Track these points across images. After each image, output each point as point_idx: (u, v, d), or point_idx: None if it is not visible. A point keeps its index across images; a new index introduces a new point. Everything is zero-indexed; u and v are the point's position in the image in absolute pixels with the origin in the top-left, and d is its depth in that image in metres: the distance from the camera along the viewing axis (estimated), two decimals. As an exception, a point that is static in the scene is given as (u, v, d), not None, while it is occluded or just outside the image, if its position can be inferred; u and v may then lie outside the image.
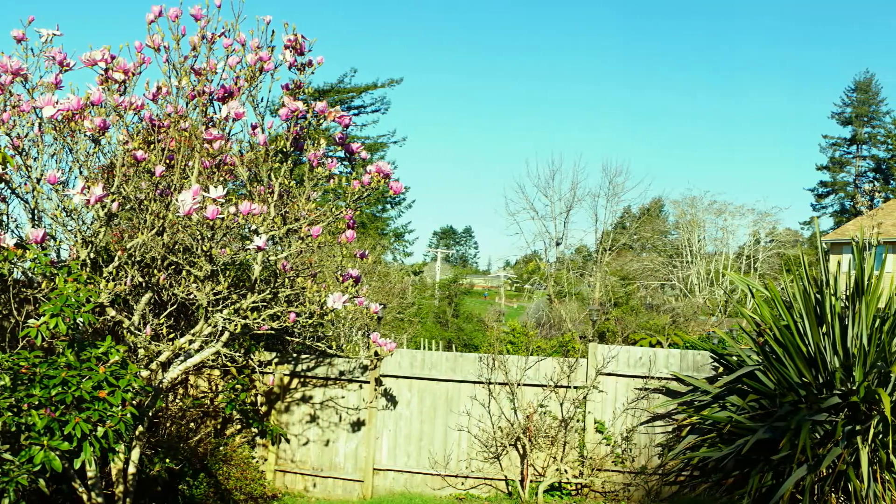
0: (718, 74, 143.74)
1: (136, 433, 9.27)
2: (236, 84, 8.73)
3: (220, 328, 8.78)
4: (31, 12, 9.43)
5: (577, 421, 12.07)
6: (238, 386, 12.16)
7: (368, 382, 12.71)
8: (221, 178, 8.79)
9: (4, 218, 8.20)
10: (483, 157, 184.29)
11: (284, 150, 8.93)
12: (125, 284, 8.14)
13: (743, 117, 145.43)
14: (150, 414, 10.04)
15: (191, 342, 8.80)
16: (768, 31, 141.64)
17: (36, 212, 8.08)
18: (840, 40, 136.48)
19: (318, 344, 10.64)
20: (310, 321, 9.06)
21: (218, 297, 8.53)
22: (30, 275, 8.02)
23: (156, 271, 8.61)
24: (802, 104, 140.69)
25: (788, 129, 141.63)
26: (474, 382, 12.47)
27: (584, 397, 12.07)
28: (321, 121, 8.99)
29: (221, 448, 11.97)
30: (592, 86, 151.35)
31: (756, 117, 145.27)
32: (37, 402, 6.01)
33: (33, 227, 7.98)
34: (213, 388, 12.70)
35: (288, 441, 12.99)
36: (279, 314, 8.99)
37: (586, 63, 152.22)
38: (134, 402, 6.48)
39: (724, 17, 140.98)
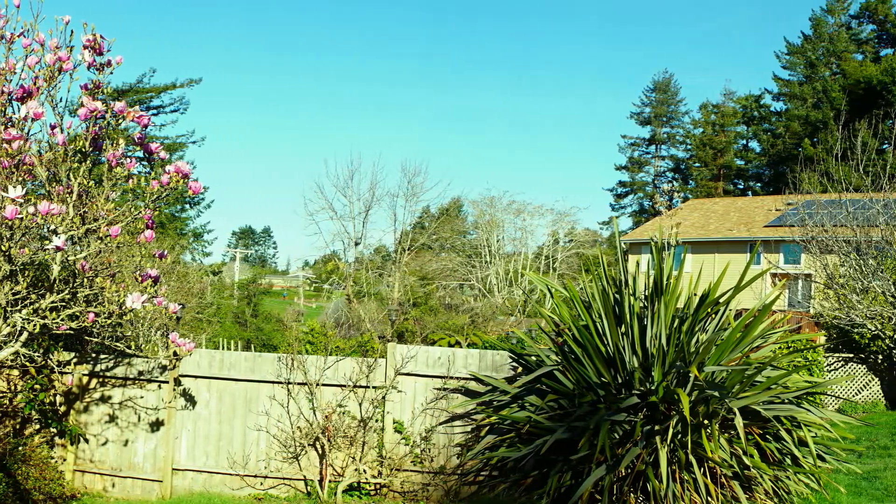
0: (519, 74, 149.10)
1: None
2: (35, 84, 8.87)
3: (18, 328, 8.84)
4: None
5: (377, 421, 12.67)
6: (37, 386, 12.45)
7: (167, 382, 13.14)
8: (20, 178, 8.85)
9: None
10: (283, 157, 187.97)
11: (84, 150, 9.12)
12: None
13: (544, 117, 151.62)
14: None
15: (-10, 342, 8.83)
16: (569, 31, 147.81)
17: None
18: (640, 40, 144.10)
19: (118, 344, 10.99)
20: (109, 321, 9.36)
21: (17, 297, 8.67)
22: None
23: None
24: (603, 104, 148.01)
25: (589, 129, 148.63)
26: (273, 382, 13.01)
27: (383, 397, 12.66)
28: (120, 121, 9.25)
29: (20, 448, 12.16)
30: (392, 86, 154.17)
31: (557, 117, 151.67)
32: None
33: None
34: (12, 387, 12.80)
35: (87, 441, 13.27)
36: (78, 314, 9.19)
37: (386, 63, 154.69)
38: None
39: (525, 17, 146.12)
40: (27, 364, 11.68)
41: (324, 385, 12.85)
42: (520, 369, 12.08)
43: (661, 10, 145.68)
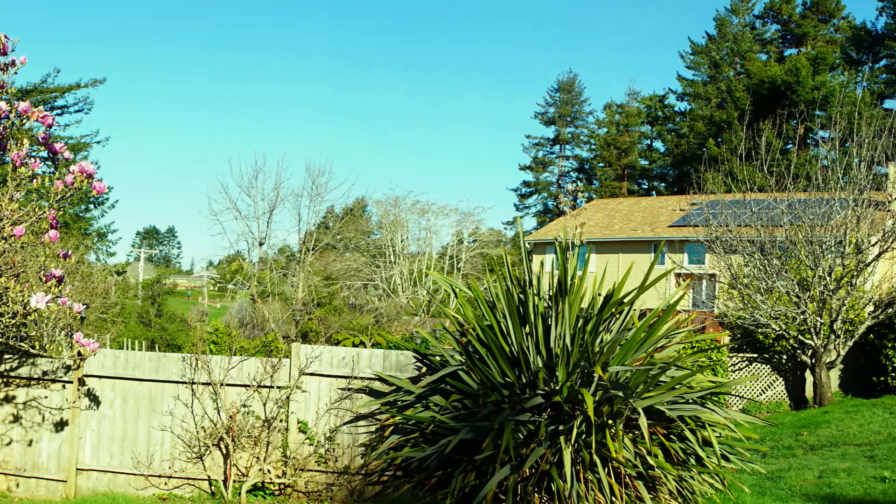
0: (425, 74, 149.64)
1: None
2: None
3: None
4: None
5: (281, 421, 12.86)
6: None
7: (72, 382, 13.18)
8: (-76, 179, 8.85)
9: None
10: (188, 157, 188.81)
11: (-13, 150, 9.14)
12: None
13: (449, 117, 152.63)
14: None
15: None
16: (475, 31, 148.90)
17: None
18: (545, 40, 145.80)
19: (22, 344, 11.06)
20: (13, 321, 9.43)
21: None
22: None
23: None
24: (508, 104, 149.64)
25: (494, 129, 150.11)
26: (178, 382, 13.12)
27: (288, 397, 12.85)
28: (24, 121, 9.31)
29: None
30: (297, 85, 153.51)
31: (462, 117, 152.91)
32: None
33: None
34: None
35: (-9, 441, 13.18)
36: (-18, 314, 9.08)
37: (291, 62, 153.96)
38: None
39: (431, 16, 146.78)
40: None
41: (228, 385, 12.94)
42: (424, 369, 12.23)
43: (566, 10, 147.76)
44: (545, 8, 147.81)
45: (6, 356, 13.23)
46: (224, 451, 12.71)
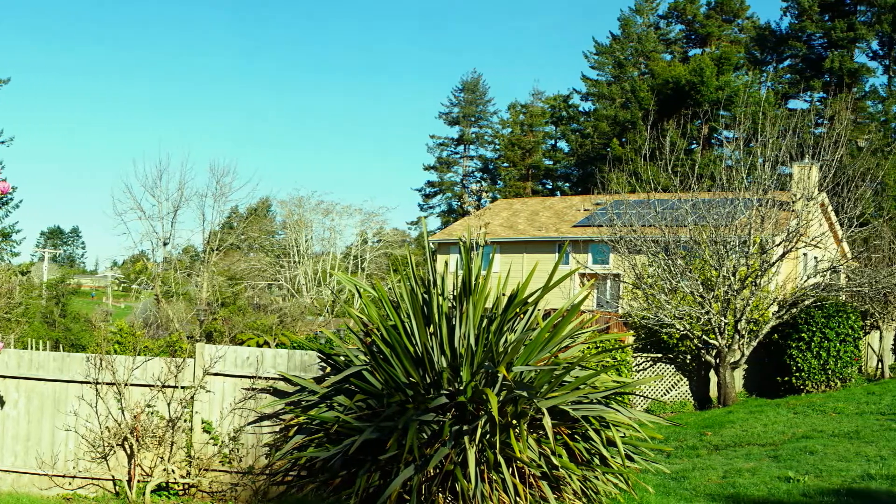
0: (329, 73, 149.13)
1: None
2: None
3: None
4: None
5: (185, 421, 12.91)
6: None
7: None
8: None
9: None
10: (93, 157, 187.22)
11: None
12: None
13: (354, 117, 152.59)
14: None
15: None
16: (380, 30, 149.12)
17: None
18: (450, 40, 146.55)
19: None
20: None
21: None
22: None
23: None
24: (412, 104, 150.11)
25: (398, 129, 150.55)
26: (82, 382, 13.09)
27: (192, 397, 12.92)
28: None
29: None
30: (202, 85, 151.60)
31: (367, 117, 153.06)
32: None
33: None
34: None
35: None
36: None
37: (196, 62, 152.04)
38: None
39: (335, 16, 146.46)
40: None
41: (132, 385, 12.94)
42: (328, 369, 12.30)
43: (470, 10, 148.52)
44: (450, 7, 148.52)
45: None
46: (128, 451, 12.74)
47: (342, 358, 12.11)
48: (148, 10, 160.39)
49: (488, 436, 10.13)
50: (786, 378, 25.15)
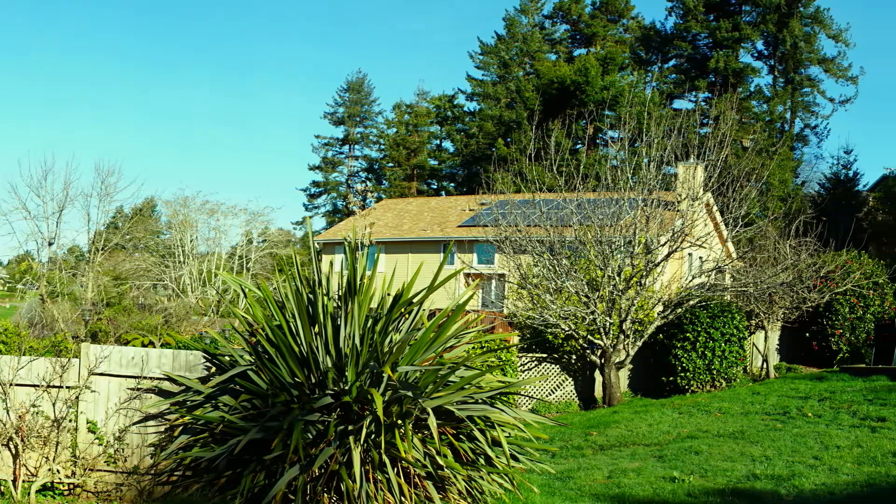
0: (215, 72, 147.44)
1: None
2: None
3: None
4: None
5: (70, 421, 12.89)
6: None
7: None
8: None
9: None
10: None
11: None
12: None
13: (239, 116, 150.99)
14: None
15: None
16: (264, 29, 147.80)
17: None
18: (335, 40, 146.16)
19: None
20: None
21: None
22: None
23: None
24: (297, 104, 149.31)
25: (284, 129, 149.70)
26: None
27: (77, 397, 12.89)
28: None
29: None
30: (88, 84, 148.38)
31: (253, 117, 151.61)
32: None
33: None
34: None
35: None
36: None
37: (79, 61, 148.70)
38: None
39: (221, 14, 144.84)
40: None
41: (17, 385, 12.85)
42: (214, 369, 12.35)
43: (355, 10, 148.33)
44: (335, 7, 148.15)
45: None
46: (13, 451, 12.64)
47: (227, 358, 12.14)
48: (29, 8, 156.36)
49: (373, 436, 10.24)
50: (671, 378, 25.69)
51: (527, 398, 24.21)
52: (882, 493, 12.43)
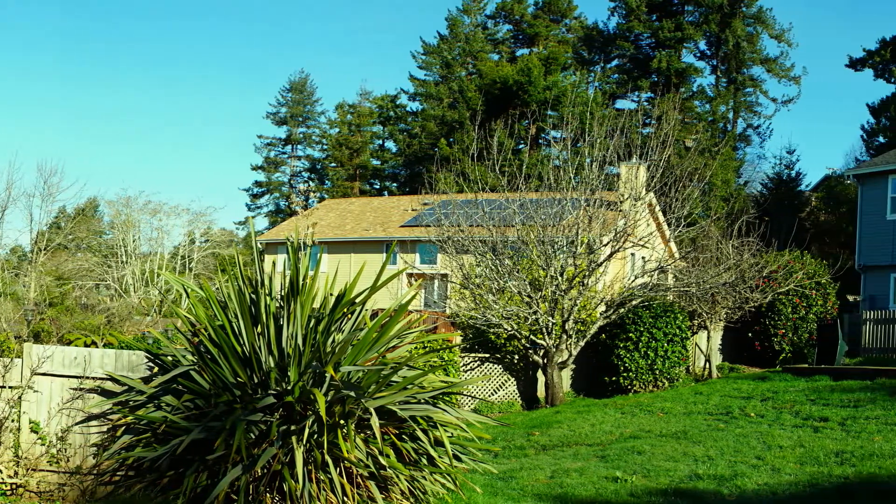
0: (158, 71, 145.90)
1: None
2: None
3: None
4: None
5: (13, 421, 12.79)
6: None
7: None
8: None
9: None
10: None
11: None
12: None
13: (182, 116, 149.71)
14: None
15: None
16: (207, 28, 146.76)
17: None
18: (277, 39, 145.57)
19: None
20: None
21: None
22: None
23: None
24: (240, 104, 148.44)
25: (226, 128, 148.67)
26: None
27: (20, 397, 12.76)
28: None
29: None
30: (28, 83, 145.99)
31: (195, 117, 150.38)
32: None
33: None
34: None
35: None
36: None
37: (22, 59, 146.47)
38: None
39: (164, 14, 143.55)
40: None
41: None
42: (156, 369, 12.37)
43: (297, 9, 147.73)
44: (277, 5, 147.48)
45: None
46: (-43, 452, 12.63)
47: (170, 358, 12.15)
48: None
49: (316, 436, 10.30)
50: (614, 378, 25.91)
51: (469, 398, 24.30)
52: (824, 492, 12.58)
